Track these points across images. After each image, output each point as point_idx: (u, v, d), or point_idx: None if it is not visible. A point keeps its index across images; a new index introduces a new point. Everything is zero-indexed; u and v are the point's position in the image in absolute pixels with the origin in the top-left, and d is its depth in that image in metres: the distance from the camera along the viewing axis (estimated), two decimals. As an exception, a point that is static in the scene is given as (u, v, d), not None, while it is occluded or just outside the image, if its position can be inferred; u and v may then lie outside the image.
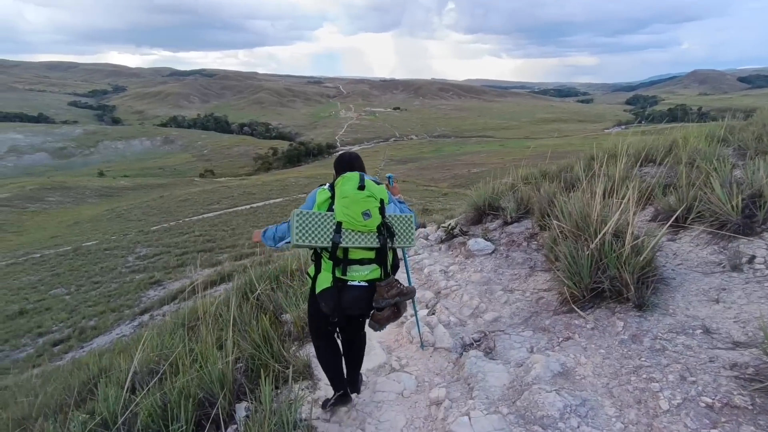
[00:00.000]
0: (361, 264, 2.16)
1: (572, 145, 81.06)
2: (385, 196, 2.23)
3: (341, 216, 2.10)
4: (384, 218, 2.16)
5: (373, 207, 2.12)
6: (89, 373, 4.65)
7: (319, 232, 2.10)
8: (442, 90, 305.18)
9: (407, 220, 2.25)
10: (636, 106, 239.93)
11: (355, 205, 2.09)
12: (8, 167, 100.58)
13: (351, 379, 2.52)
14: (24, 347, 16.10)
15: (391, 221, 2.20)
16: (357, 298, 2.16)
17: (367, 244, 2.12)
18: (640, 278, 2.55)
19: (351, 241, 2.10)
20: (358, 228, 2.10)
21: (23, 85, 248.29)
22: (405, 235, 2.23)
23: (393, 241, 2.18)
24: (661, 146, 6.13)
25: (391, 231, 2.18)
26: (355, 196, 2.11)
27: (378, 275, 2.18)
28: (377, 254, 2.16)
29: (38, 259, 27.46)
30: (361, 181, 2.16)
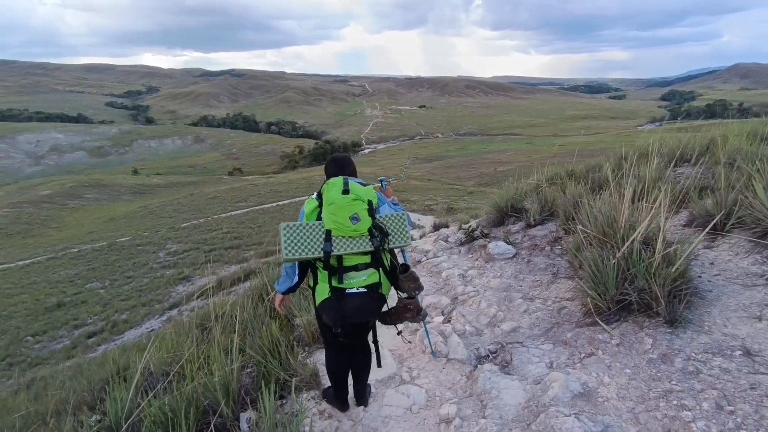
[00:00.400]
0: (357, 270, 2.08)
1: (603, 142, 78.72)
2: (374, 196, 2.15)
3: (329, 224, 2.03)
4: (374, 220, 2.08)
5: (361, 210, 2.05)
6: (110, 370, 4.73)
7: (309, 244, 2.03)
8: (469, 87, 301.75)
9: (400, 218, 2.16)
10: (671, 102, 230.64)
11: (342, 210, 2.02)
12: (50, 165, 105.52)
13: (357, 390, 2.47)
14: (61, 338, 16.79)
15: (383, 221, 2.12)
16: (358, 305, 2.09)
17: (361, 248, 2.04)
18: (671, 291, 2.34)
19: (343, 248, 2.02)
20: (349, 233, 2.02)
21: (64, 86, 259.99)
22: (399, 234, 2.13)
23: (387, 241, 2.09)
24: (697, 145, 5.77)
25: (384, 232, 2.09)
26: (340, 201, 2.03)
27: (376, 279, 2.11)
28: (373, 258, 2.09)
29: (76, 254, 28.60)
30: (345, 185, 2.07)
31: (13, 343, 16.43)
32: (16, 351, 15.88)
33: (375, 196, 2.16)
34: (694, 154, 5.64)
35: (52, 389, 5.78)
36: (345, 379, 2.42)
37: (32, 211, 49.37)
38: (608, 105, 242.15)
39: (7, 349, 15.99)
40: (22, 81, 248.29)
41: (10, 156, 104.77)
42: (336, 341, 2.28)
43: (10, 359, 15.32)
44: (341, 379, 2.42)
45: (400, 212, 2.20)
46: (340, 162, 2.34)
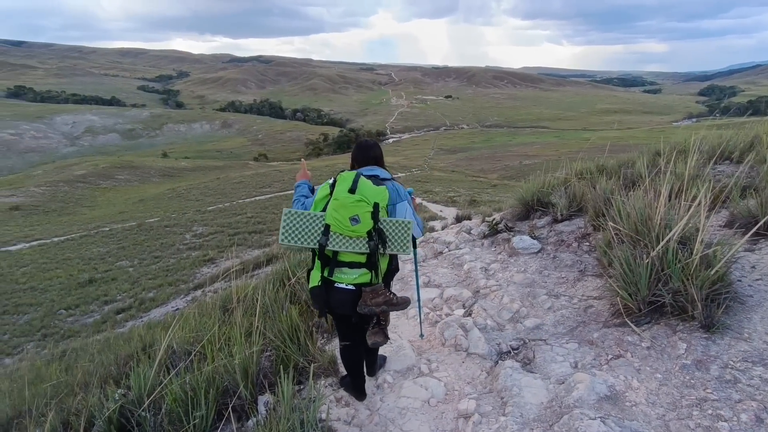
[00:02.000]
0: (350, 267, 2.08)
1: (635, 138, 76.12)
2: (383, 198, 2.08)
3: (330, 219, 2.01)
4: (377, 223, 2.02)
5: (363, 212, 1.99)
6: (135, 346, 4.87)
7: (307, 233, 2.05)
8: (497, 78, 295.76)
9: (404, 225, 2.08)
10: (711, 98, 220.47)
11: (344, 209, 1.99)
12: (84, 146, 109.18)
13: (368, 361, 2.51)
14: (92, 313, 17.46)
15: (386, 226, 2.06)
16: (342, 300, 2.10)
17: (356, 249, 2.02)
18: (709, 294, 2.22)
19: (338, 245, 2.02)
20: (346, 233, 2.00)
21: (99, 69, 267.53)
22: (399, 242, 2.07)
23: (385, 247, 2.05)
24: (740, 142, 5.48)
25: (383, 238, 2.04)
26: (344, 199, 2.00)
27: (367, 280, 2.08)
28: (368, 259, 2.06)
29: (107, 233, 29.59)
30: (353, 183, 2.04)
31: (48, 315, 17.18)
32: (51, 323, 16.61)
33: (385, 197, 2.10)
34: (736, 151, 5.36)
35: (82, 361, 6.00)
36: (360, 368, 2.43)
37: (67, 189, 51.27)
38: (642, 99, 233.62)
39: (42, 321, 16.76)
40: (60, 64, 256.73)
41: (48, 136, 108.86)
42: (348, 334, 2.30)
43: (45, 330, 16.04)
44: (356, 369, 2.42)
45: (407, 219, 2.12)
46: (363, 148, 2.32)
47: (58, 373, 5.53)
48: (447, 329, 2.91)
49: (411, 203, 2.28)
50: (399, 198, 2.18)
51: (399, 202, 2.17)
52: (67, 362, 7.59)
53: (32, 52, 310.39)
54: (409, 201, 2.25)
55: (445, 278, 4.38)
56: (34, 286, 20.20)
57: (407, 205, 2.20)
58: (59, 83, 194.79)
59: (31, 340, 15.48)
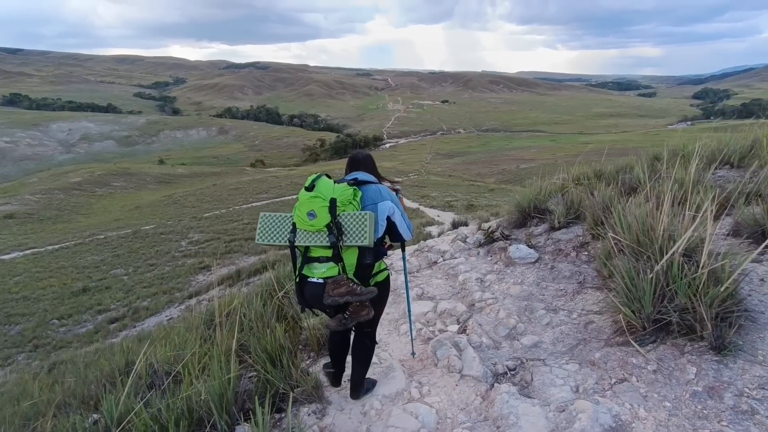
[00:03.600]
0: (319, 261, 2.17)
1: (631, 141, 76.36)
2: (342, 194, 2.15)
3: (295, 216, 2.18)
4: (334, 217, 2.10)
5: (319, 207, 2.10)
6: (117, 363, 4.68)
7: (279, 233, 2.23)
8: (493, 83, 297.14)
9: (361, 216, 2.13)
10: (705, 101, 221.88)
11: (302, 206, 2.15)
12: (80, 153, 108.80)
13: (353, 380, 2.53)
14: (85, 323, 17.20)
15: (344, 219, 2.13)
16: (314, 294, 2.19)
17: (318, 242, 2.13)
18: (719, 313, 2.06)
19: (304, 240, 2.15)
20: (306, 227, 2.13)
21: (95, 77, 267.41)
22: (356, 233, 2.11)
23: (343, 238, 2.11)
24: (739, 146, 5.35)
25: (341, 229, 2.11)
26: (302, 196, 2.17)
27: (335, 273, 2.16)
28: (333, 253, 2.14)
29: (102, 240, 29.32)
30: (312, 182, 2.18)
31: (40, 326, 16.92)
32: (43, 333, 16.35)
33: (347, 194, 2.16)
34: (736, 156, 5.23)
35: (69, 376, 5.80)
36: (339, 357, 2.57)
37: (63, 197, 50.95)
38: (637, 103, 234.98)
39: (34, 331, 16.49)
40: (56, 71, 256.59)
41: (44, 144, 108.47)
42: None
43: (36, 341, 15.78)
44: (336, 356, 2.57)
45: (362, 212, 2.15)
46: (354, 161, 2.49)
47: (42, 390, 5.33)
48: (440, 348, 2.74)
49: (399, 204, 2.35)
50: (381, 197, 2.26)
51: (381, 201, 2.25)
52: (54, 376, 7.39)
53: (28, 59, 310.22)
54: (395, 201, 2.32)
55: (440, 290, 4.21)
56: (27, 296, 19.92)
57: (391, 205, 2.27)
58: (55, 90, 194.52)
59: (23, 351, 15.23)
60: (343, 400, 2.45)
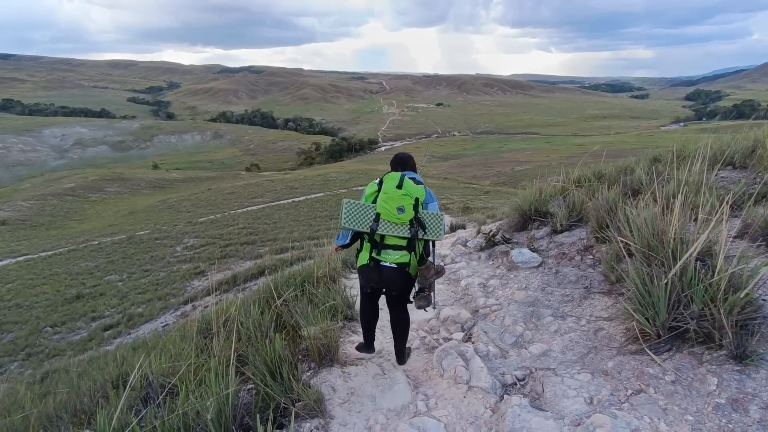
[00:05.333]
0: (394, 249, 2.56)
1: (626, 143, 76.83)
2: (422, 194, 2.60)
3: (380, 208, 2.53)
4: (417, 213, 2.54)
5: (407, 204, 2.52)
6: (111, 374, 4.55)
7: (362, 220, 2.54)
8: (487, 85, 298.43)
9: (438, 217, 2.60)
10: (697, 102, 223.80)
11: (392, 201, 2.51)
12: (74, 159, 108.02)
13: (397, 350, 2.89)
14: (78, 330, 16.94)
15: (424, 217, 2.56)
16: (387, 276, 2.58)
17: (399, 234, 2.52)
18: (738, 320, 1.98)
19: (386, 230, 2.52)
20: (393, 220, 2.51)
21: (88, 82, 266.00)
22: (434, 230, 2.58)
23: (424, 233, 2.55)
24: (740, 147, 5.31)
25: (423, 225, 2.54)
26: (393, 193, 2.53)
27: (407, 260, 2.56)
28: (408, 243, 2.55)
29: (96, 246, 28.99)
30: (400, 181, 2.58)
31: (33, 334, 16.65)
32: (36, 341, 16.08)
33: (424, 194, 2.62)
34: (737, 156, 5.19)
35: (61, 386, 5.67)
36: (370, 325, 2.89)
37: (56, 203, 50.46)
38: (630, 104, 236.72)
39: (26, 339, 16.22)
40: (49, 76, 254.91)
41: (36, 149, 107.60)
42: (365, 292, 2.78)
43: (29, 349, 15.52)
44: (369, 325, 2.89)
45: (440, 213, 2.64)
46: (401, 160, 2.84)
47: (33, 402, 5.19)
48: (445, 357, 2.64)
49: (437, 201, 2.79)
50: (431, 199, 2.70)
51: (431, 202, 2.68)
52: (47, 386, 7.22)
53: (21, 65, 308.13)
54: (438, 202, 2.77)
55: (442, 295, 4.12)
56: (20, 303, 19.62)
57: (437, 206, 2.73)
58: (48, 96, 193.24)
59: (15, 360, 14.96)
60: (347, 414, 2.35)
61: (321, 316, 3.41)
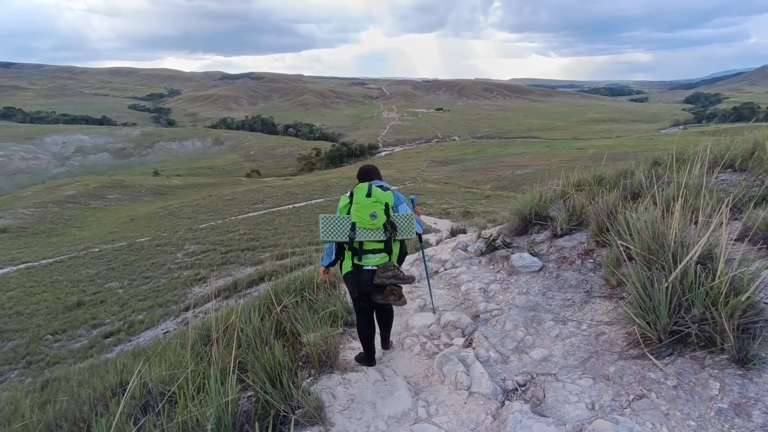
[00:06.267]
0: (373, 253, 2.77)
1: (625, 146, 76.88)
2: (391, 199, 2.78)
3: (354, 217, 2.71)
4: (389, 217, 2.72)
5: (378, 209, 2.71)
6: (111, 382, 4.54)
7: (339, 231, 2.72)
8: (486, 90, 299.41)
9: (409, 218, 2.80)
10: (696, 105, 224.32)
11: (364, 209, 2.70)
12: (75, 166, 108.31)
13: (382, 337, 3.18)
14: (79, 338, 16.90)
15: (396, 219, 2.76)
16: (370, 279, 2.74)
17: (375, 238, 2.71)
18: (740, 324, 1.96)
19: (363, 236, 2.71)
20: (368, 226, 2.70)
21: (89, 89, 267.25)
22: (406, 229, 2.77)
23: (396, 234, 2.74)
24: (740, 149, 5.30)
25: (395, 227, 2.73)
26: (364, 202, 2.71)
27: (386, 261, 2.77)
28: (385, 245, 2.76)
29: (97, 253, 29.00)
30: (368, 190, 2.76)
31: (33, 341, 16.61)
32: (36, 349, 16.04)
33: (392, 198, 2.81)
34: (738, 159, 5.18)
35: (61, 395, 5.65)
36: (371, 339, 2.98)
37: (57, 210, 50.55)
38: (630, 108, 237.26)
39: (27, 347, 16.18)
40: (50, 84, 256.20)
41: (38, 157, 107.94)
42: (361, 308, 2.92)
43: (30, 357, 15.49)
44: (368, 339, 2.97)
45: (409, 213, 2.84)
46: (367, 171, 3.03)
47: (33, 410, 5.17)
48: (446, 363, 2.63)
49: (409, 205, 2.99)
50: (400, 201, 2.89)
51: (400, 204, 2.88)
52: (47, 395, 7.20)
53: (22, 73, 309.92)
54: (407, 203, 2.96)
55: (442, 300, 4.11)
56: (21, 311, 19.60)
57: (406, 206, 2.92)
58: (49, 104, 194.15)
59: (15, 368, 14.92)
60: (347, 421, 2.34)
61: (321, 322, 3.40)
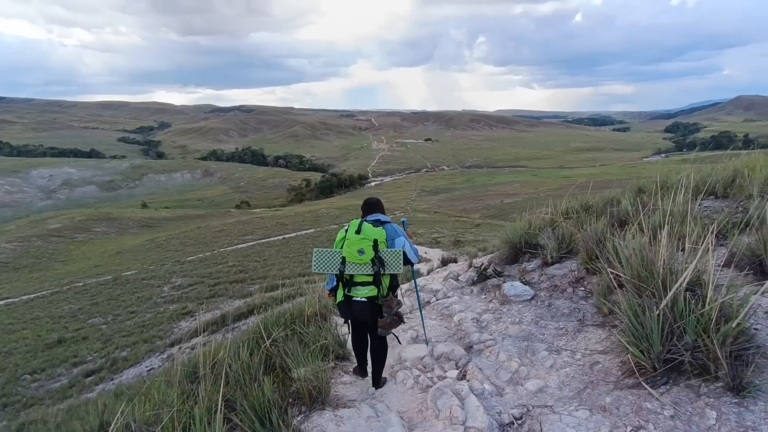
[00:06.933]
0: (362, 285, 2.95)
1: (610, 174, 78.56)
2: (381, 235, 2.94)
3: (345, 252, 2.93)
4: (377, 253, 2.89)
5: (366, 246, 2.88)
6: (91, 424, 4.34)
7: (331, 264, 2.96)
8: (474, 121, 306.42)
9: (397, 253, 2.94)
10: (676, 134, 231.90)
11: (353, 245, 2.89)
12: (61, 199, 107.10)
13: (374, 375, 3.23)
14: (59, 377, 16.23)
15: (384, 255, 2.91)
16: (359, 309, 2.97)
17: (364, 272, 2.90)
18: (732, 351, 1.96)
19: (352, 270, 2.91)
20: (356, 261, 2.89)
21: (79, 123, 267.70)
22: (393, 265, 2.91)
23: (384, 269, 2.90)
24: (721, 177, 5.45)
25: (383, 262, 2.89)
26: (353, 238, 2.91)
27: (375, 293, 2.93)
28: (374, 278, 2.91)
29: (80, 288, 28.29)
30: (359, 227, 2.95)
31: (10, 382, 15.90)
32: (13, 390, 15.34)
33: (383, 234, 2.96)
34: (719, 186, 5.31)
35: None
36: (363, 353, 3.29)
37: (41, 244, 49.56)
38: (613, 137, 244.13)
39: (3, 388, 15.47)
40: (39, 118, 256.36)
41: (23, 190, 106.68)
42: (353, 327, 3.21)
43: (6, 399, 14.78)
44: (360, 353, 3.30)
45: (398, 249, 2.96)
46: (370, 204, 3.27)
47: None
48: (440, 397, 2.57)
49: (406, 236, 3.13)
50: (396, 234, 3.06)
51: (396, 237, 3.04)
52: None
53: (11, 107, 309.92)
54: (404, 235, 3.11)
55: (435, 331, 4.06)
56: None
57: (403, 239, 3.05)
58: (37, 137, 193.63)
59: (-11, 412, 14.22)
60: (339, 460, 2.25)
61: (312, 357, 3.32)
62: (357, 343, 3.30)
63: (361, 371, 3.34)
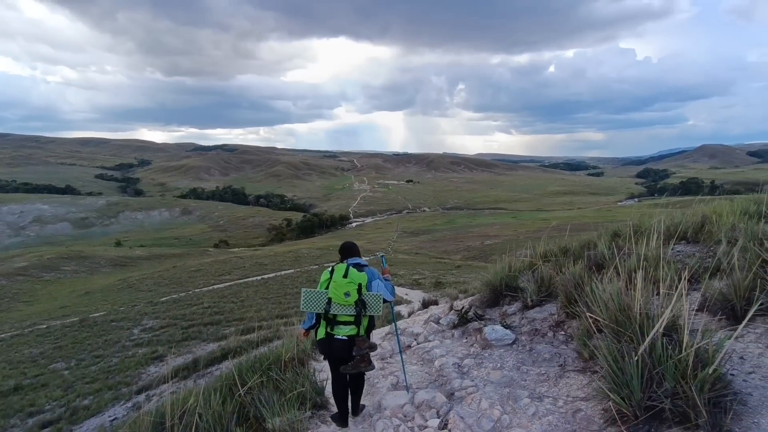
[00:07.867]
0: (345, 324, 3.17)
1: (586, 217, 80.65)
2: (364, 279, 3.19)
3: (331, 294, 3.15)
4: (360, 296, 3.13)
5: (352, 289, 3.13)
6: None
7: (317, 303, 3.18)
8: (454, 163, 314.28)
9: (377, 297, 3.19)
10: (647, 180, 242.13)
11: (340, 288, 3.13)
12: (30, 236, 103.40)
13: (353, 405, 3.42)
14: (12, 429, 15.03)
15: (367, 298, 3.16)
16: (340, 346, 3.17)
17: (347, 312, 3.13)
18: (710, 398, 1.97)
19: (336, 310, 3.14)
20: (342, 302, 3.12)
21: (56, 159, 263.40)
22: (374, 307, 3.18)
23: (366, 310, 3.16)
24: (690, 222, 5.65)
25: (365, 304, 3.15)
26: (340, 281, 3.15)
27: (355, 332, 3.17)
28: (355, 319, 3.15)
29: (43, 331, 26.82)
30: (345, 271, 3.19)
31: (-46, 437, 14.65)
32: (-43, 449, 14.12)
33: (366, 278, 3.21)
34: (689, 231, 5.50)
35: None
36: (345, 398, 3.34)
37: (4, 283, 47.29)
38: (588, 181, 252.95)
39: (-54, 444, 14.23)
40: (14, 153, 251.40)
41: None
42: (336, 371, 3.28)
43: (-51, 457, 13.56)
44: (342, 398, 3.33)
45: (378, 293, 3.20)
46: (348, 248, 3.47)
47: None
48: (422, 448, 2.48)
49: (381, 277, 3.35)
50: (374, 277, 3.28)
51: (374, 280, 3.26)
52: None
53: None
54: (380, 278, 3.34)
55: (416, 377, 3.96)
56: (-54, 400, 17.45)
57: (379, 282, 3.29)
58: (11, 172, 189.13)
59: (-70, 470, 12.97)
60: None
61: (288, 405, 3.19)
62: (338, 384, 3.34)
63: (341, 420, 3.33)
